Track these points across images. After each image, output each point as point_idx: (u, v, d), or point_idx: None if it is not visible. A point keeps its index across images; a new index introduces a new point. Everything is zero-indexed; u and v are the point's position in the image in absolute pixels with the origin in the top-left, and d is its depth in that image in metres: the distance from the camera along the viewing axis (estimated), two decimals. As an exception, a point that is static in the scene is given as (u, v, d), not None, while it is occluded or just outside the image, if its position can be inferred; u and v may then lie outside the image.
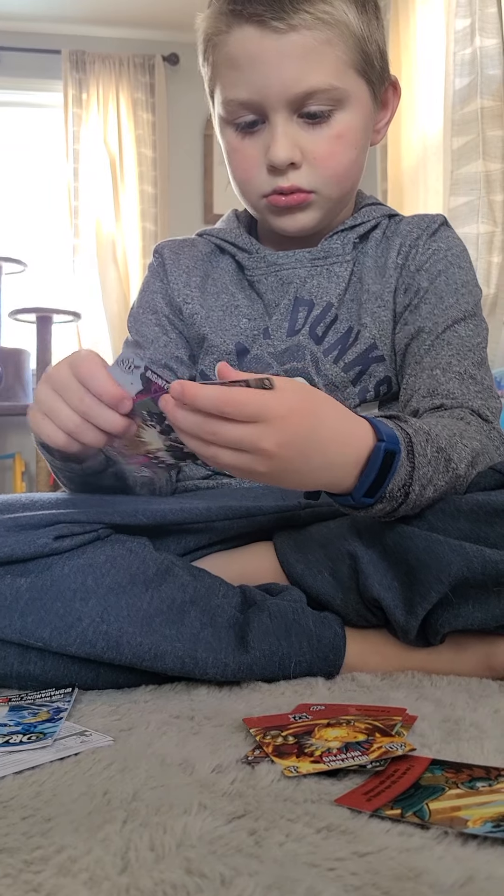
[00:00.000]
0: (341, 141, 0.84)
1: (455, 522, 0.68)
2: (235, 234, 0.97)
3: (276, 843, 0.37)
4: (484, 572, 0.64)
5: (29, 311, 3.27)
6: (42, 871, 0.34)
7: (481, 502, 0.68)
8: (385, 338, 0.91)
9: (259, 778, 0.45)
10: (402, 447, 0.63)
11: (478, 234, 2.32)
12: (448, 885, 0.32)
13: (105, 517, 0.69)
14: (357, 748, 0.48)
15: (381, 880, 0.33)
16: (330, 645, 0.69)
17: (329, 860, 0.35)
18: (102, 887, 0.33)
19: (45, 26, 3.71)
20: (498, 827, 0.37)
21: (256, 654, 0.66)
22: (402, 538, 0.68)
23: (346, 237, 0.94)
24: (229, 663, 0.65)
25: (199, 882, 0.32)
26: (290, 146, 0.82)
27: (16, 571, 0.65)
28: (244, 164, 0.87)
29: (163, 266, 0.98)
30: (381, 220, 0.96)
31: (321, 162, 0.84)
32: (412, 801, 0.41)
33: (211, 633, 0.66)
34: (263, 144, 0.84)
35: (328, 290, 0.92)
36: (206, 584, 0.70)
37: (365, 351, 0.91)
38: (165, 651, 0.64)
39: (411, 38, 2.89)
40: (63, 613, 0.63)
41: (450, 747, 0.50)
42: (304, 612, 0.69)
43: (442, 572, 0.65)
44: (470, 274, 0.92)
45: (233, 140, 0.87)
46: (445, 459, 0.68)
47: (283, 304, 0.92)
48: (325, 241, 0.94)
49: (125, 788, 0.44)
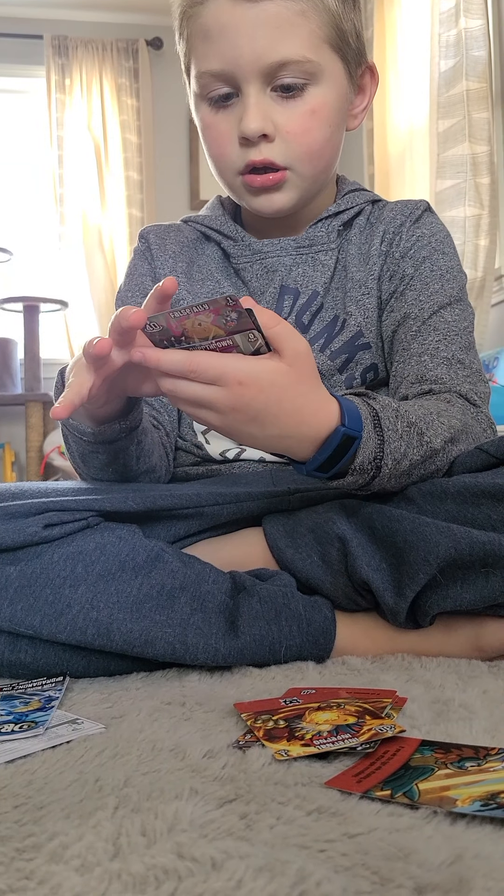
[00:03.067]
0: (315, 116, 0.84)
1: (442, 504, 0.69)
2: (220, 221, 0.96)
3: (266, 825, 0.37)
4: (471, 553, 0.65)
5: (16, 300, 3.25)
6: (34, 858, 0.35)
7: (468, 484, 0.69)
8: (371, 325, 0.91)
9: (250, 762, 0.45)
10: (365, 425, 0.65)
11: (465, 217, 2.32)
12: (437, 864, 0.33)
13: (95, 504, 0.69)
14: (347, 731, 0.48)
15: (371, 860, 0.33)
16: (320, 629, 0.69)
17: (319, 842, 0.35)
18: (94, 873, 0.33)
19: (27, 11, 3.66)
20: (486, 806, 0.37)
21: (247, 639, 0.66)
22: (390, 521, 0.69)
23: (329, 225, 0.94)
24: (220, 648, 0.65)
25: (191, 866, 0.33)
26: (262, 117, 0.82)
27: (5, 560, 0.65)
28: (218, 140, 0.86)
29: (149, 250, 0.98)
30: (365, 207, 0.96)
31: (294, 137, 0.84)
32: (402, 781, 0.41)
33: (201, 619, 0.66)
34: (236, 118, 0.83)
35: (313, 279, 0.92)
36: (196, 570, 0.70)
37: (351, 339, 0.91)
38: (156, 637, 0.64)
39: (396, 20, 2.87)
40: (53, 601, 0.63)
41: (439, 728, 0.51)
42: (294, 596, 0.70)
43: (430, 554, 0.65)
44: (454, 260, 0.92)
45: (206, 116, 0.86)
46: (418, 434, 0.69)
47: (268, 292, 0.92)
48: (310, 228, 0.93)
49: (117, 775, 0.44)
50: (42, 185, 3.71)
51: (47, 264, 3.65)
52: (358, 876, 0.32)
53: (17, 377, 3.36)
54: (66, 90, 3.66)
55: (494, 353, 2.13)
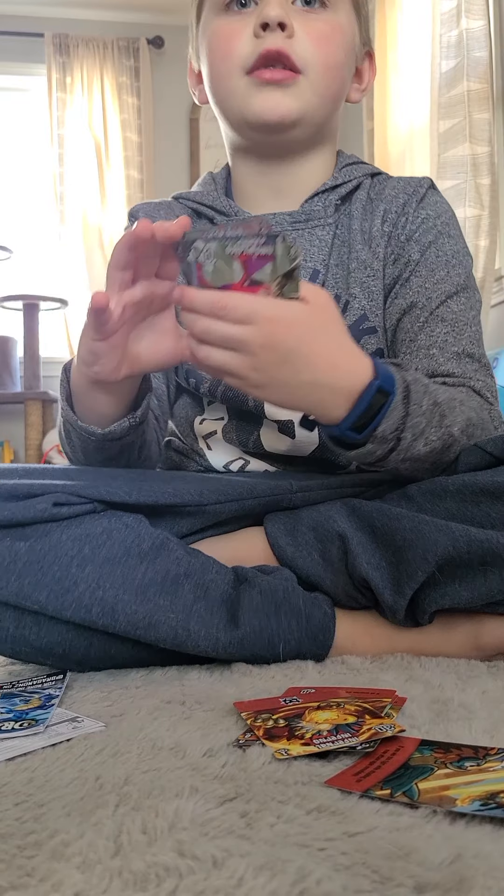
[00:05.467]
0: (333, 35, 0.84)
1: (442, 503, 0.70)
2: (213, 196, 0.93)
3: (267, 824, 0.37)
4: (469, 551, 0.65)
5: (15, 299, 3.25)
6: (35, 855, 0.35)
7: (467, 482, 0.69)
8: (376, 309, 0.88)
9: (250, 761, 0.45)
10: (397, 391, 0.65)
11: (465, 218, 2.32)
12: (437, 863, 0.33)
13: (99, 495, 0.68)
14: (347, 730, 0.48)
15: (372, 859, 0.33)
16: (319, 625, 0.69)
17: (319, 840, 0.35)
18: (95, 871, 0.33)
19: (28, 9, 3.66)
20: (486, 805, 0.37)
21: (246, 630, 0.66)
22: (389, 519, 0.69)
23: (327, 199, 0.90)
24: (220, 638, 0.66)
25: (192, 864, 0.33)
26: (284, 8, 0.81)
27: (15, 535, 0.65)
28: (229, 38, 0.84)
29: None
30: (364, 180, 0.92)
31: (314, 41, 0.82)
32: (402, 781, 0.42)
33: (204, 607, 0.66)
34: (252, 18, 0.82)
35: (311, 255, 0.89)
36: (201, 560, 0.70)
37: (355, 322, 0.88)
38: (159, 620, 0.64)
39: (397, 20, 2.87)
40: (60, 577, 0.64)
41: (439, 728, 0.51)
42: (295, 591, 0.70)
43: (428, 551, 0.65)
44: (460, 242, 0.90)
45: (220, 23, 0.85)
46: (440, 415, 0.69)
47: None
48: (306, 202, 0.90)
49: (117, 773, 0.44)
50: (42, 183, 3.70)
51: (47, 263, 3.64)
52: (358, 875, 0.32)
53: (16, 375, 3.36)
54: (66, 88, 3.66)
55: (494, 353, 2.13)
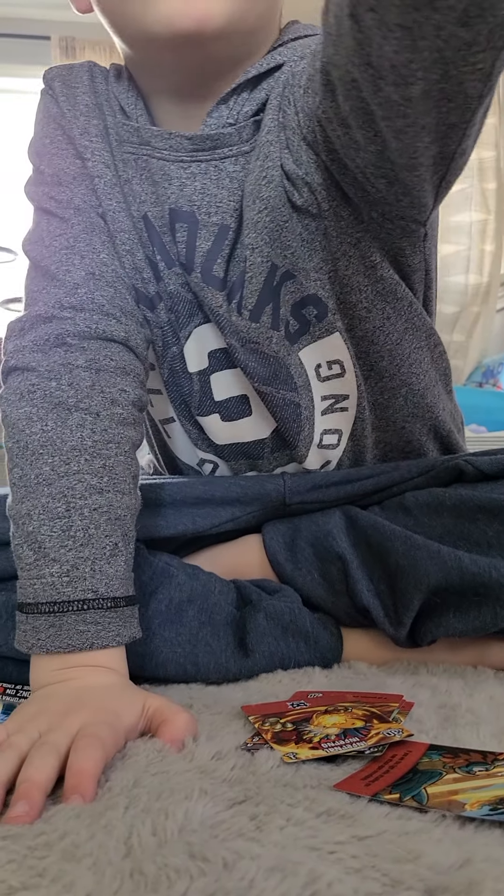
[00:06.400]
0: None
1: (439, 518, 0.68)
2: (131, 103, 0.70)
3: (276, 827, 0.37)
4: (461, 582, 0.63)
5: (19, 301, 3.25)
6: (46, 856, 0.35)
7: (464, 497, 0.67)
8: (277, 245, 0.67)
9: (259, 764, 0.45)
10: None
11: (471, 223, 2.32)
12: (447, 867, 0.33)
13: None
14: (355, 734, 0.48)
15: (381, 862, 0.33)
16: (328, 645, 0.69)
17: (329, 843, 0.35)
18: (106, 872, 0.33)
19: (34, 12, 3.67)
20: (495, 810, 0.38)
21: (257, 657, 0.66)
22: (383, 538, 0.68)
23: (241, 110, 0.66)
24: (230, 668, 0.66)
25: (202, 866, 0.33)
26: None
27: (10, 588, 0.64)
28: None
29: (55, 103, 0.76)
30: (288, 64, 0.65)
31: None
32: (410, 785, 0.42)
33: (210, 633, 0.66)
34: None
35: (217, 200, 0.68)
36: (202, 581, 0.70)
37: (265, 282, 0.69)
38: (167, 659, 0.64)
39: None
40: None
41: (446, 733, 0.51)
42: (301, 613, 0.69)
43: (420, 582, 0.64)
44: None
45: None
46: None
47: (156, 216, 0.70)
48: (213, 112, 0.66)
49: (126, 776, 0.44)
50: (48, 185, 3.72)
51: (52, 265, 3.65)
52: (368, 878, 0.32)
53: (21, 377, 3.35)
54: (73, 91, 3.67)
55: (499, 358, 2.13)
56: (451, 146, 0.54)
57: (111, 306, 0.68)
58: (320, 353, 0.73)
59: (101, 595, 0.56)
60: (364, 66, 0.48)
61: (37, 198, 0.72)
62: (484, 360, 2.56)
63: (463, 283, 2.38)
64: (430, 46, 0.43)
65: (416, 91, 0.47)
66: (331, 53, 0.53)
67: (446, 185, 0.61)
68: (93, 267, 0.68)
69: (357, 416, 0.77)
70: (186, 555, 0.78)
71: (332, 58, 0.53)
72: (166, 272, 0.72)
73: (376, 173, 0.59)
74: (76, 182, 0.70)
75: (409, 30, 0.43)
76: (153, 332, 0.75)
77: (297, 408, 0.75)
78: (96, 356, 0.65)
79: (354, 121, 0.55)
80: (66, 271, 0.68)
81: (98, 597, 0.56)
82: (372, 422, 0.78)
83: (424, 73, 0.45)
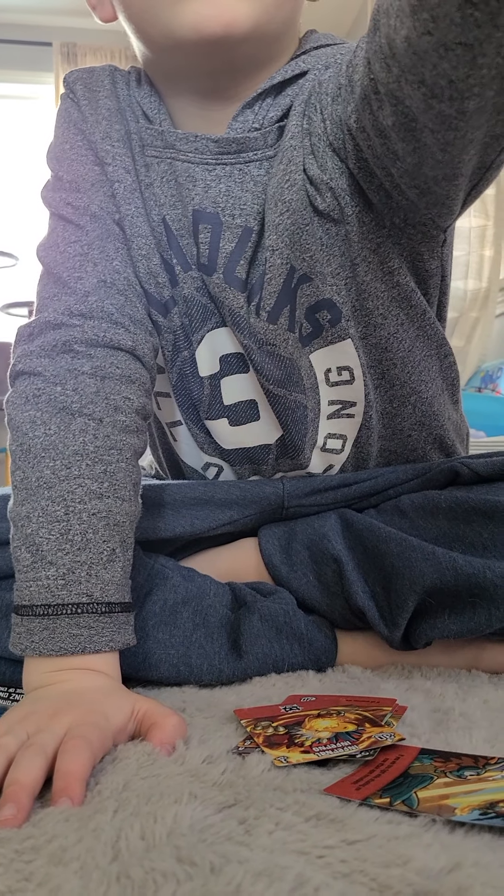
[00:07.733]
0: None
1: (434, 520, 0.68)
2: (144, 91, 0.72)
3: (265, 831, 0.37)
4: (456, 583, 0.63)
5: (21, 305, 3.26)
6: (34, 860, 0.35)
7: (460, 500, 0.67)
8: (297, 248, 0.68)
9: (249, 768, 0.45)
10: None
11: (470, 228, 2.33)
12: (436, 872, 0.33)
13: None
14: (347, 738, 0.48)
15: (370, 867, 0.33)
16: (322, 648, 0.69)
17: (318, 848, 0.35)
18: (93, 876, 0.33)
19: (36, 18, 3.69)
20: (485, 815, 0.37)
21: (250, 659, 0.66)
22: (378, 541, 0.68)
23: (266, 114, 0.67)
24: (224, 669, 0.65)
25: (189, 870, 0.33)
26: None
27: (5, 587, 0.64)
28: None
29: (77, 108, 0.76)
30: (312, 72, 0.67)
31: None
32: (401, 789, 0.41)
33: (203, 634, 0.66)
34: None
35: (241, 203, 0.69)
36: (197, 583, 0.69)
37: (284, 282, 0.69)
38: (160, 659, 0.64)
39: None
40: None
41: (439, 737, 0.51)
42: (296, 615, 0.69)
43: (415, 582, 0.64)
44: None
45: None
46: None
47: (177, 218, 0.71)
48: (238, 116, 0.67)
49: (116, 779, 0.44)
50: (49, 190, 3.73)
51: (53, 269, 3.66)
52: (356, 882, 0.32)
53: (20, 381, 3.36)
54: (74, 97, 3.68)
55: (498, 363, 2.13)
56: (491, 156, 0.55)
57: (120, 315, 0.68)
58: (331, 358, 0.74)
59: (95, 599, 0.56)
60: (417, 83, 0.48)
61: (54, 204, 0.72)
62: (483, 365, 2.56)
63: (462, 288, 2.39)
64: (489, 63, 0.44)
65: (471, 105, 0.47)
66: (378, 70, 0.53)
67: (476, 193, 0.62)
68: (105, 275, 0.69)
69: (363, 424, 0.77)
70: (184, 557, 0.78)
71: (378, 74, 0.53)
72: (182, 275, 0.72)
73: (409, 183, 0.60)
74: (94, 188, 0.70)
75: (469, 47, 0.43)
76: (165, 336, 0.75)
77: (305, 409, 0.75)
78: (102, 364, 0.65)
79: (396, 133, 0.55)
80: (77, 278, 0.68)
81: (93, 601, 0.56)
82: (379, 431, 0.79)
83: (481, 88, 0.46)
